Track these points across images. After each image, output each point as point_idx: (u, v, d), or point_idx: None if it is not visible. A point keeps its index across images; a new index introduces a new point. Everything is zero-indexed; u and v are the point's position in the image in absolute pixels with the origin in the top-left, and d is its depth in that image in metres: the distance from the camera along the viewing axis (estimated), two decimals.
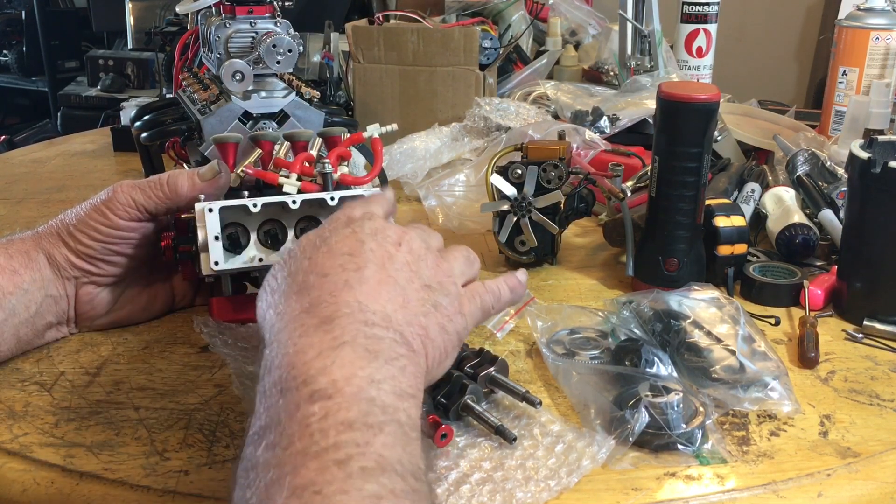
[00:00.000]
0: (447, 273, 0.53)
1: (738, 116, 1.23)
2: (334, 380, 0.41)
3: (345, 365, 0.42)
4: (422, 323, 0.49)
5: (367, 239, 0.50)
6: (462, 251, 0.57)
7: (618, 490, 0.53)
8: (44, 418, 0.60)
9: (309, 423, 0.39)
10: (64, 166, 1.29)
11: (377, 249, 0.50)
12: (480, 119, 1.18)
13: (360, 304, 0.46)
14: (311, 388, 0.41)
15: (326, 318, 0.45)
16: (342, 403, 0.40)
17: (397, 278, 0.49)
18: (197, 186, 0.67)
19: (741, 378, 0.63)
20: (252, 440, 0.41)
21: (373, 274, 0.48)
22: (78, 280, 0.68)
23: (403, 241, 0.52)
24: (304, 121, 0.79)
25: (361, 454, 0.38)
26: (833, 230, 0.87)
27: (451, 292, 0.52)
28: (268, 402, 0.42)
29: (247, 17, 0.77)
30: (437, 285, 0.51)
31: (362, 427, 0.39)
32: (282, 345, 0.44)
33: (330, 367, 0.42)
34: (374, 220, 0.52)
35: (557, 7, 1.64)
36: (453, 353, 0.52)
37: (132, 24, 3.11)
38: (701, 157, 0.75)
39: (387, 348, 0.45)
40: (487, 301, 0.56)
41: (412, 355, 0.47)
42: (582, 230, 0.98)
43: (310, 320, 0.45)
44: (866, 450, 0.57)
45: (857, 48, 1.17)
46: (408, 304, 0.49)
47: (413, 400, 0.44)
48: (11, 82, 3.58)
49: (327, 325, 0.44)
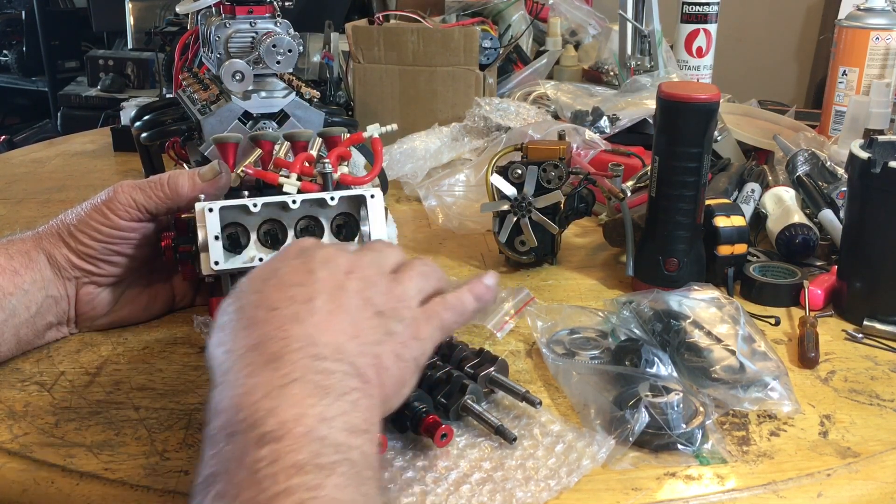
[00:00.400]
0: (401, 297, 0.51)
1: (738, 116, 1.23)
2: (283, 420, 0.40)
3: (294, 404, 0.41)
4: (375, 353, 0.47)
5: (318, 268, 0.49)
6: (417, 268, 0.54)
7: (618, 490, 0.53)
8: (44, 418, 0.60)
9: (258, 469, 0.38)
10: (64, 166, 1.29)
11: (328, 279, 0.49)
12: (480, 119, 1.18)
13: (310, 338, 0.45)
14: (260, 431, 0.39)
15: (275, 354, 0.44)
16: (292, 445, 0.39)
17: (349, 308, 0.48)
18: (197, 186, 0.67)
19: (741, 378, 0.63)
20: (200, 489, 0.39)
21: (323, 305, 0.47)
22: (78, 280, 0.68)
23: (355, 268, 0.50)
24: (304, 121, 0.79)
25: (313, 498, 0.37)
26: (833, 230, 0.87)
27: (405, 318, 0.50)
28: (215, 447, 0.40)
29: (247, 17, 0.77)
30: (390, 312, 0.50)
31: (314, 469, 0.38)
32: (229, 386, 0.43)
33: (278, 407, 0.41)
34: (324, 249, 0.51)
35: (557, 7, 1.64)
36: (412, 379, 0.50)
37: (132, 24, 3.11)
38: (701, 157, 0.75)
39: (338, 383, 0.44)
40: (448, 318, 0.53)
41: (365, 387, 0.45)
42: (582, 230, 0.98)
43: (258, 358, 0.44)
44: (866, 450, 0.57)
45: (857, 48, 1.17)
46: (360, 333, 0.47)
47: (367, 435, 0.43)
48: (11, 82, 3.58)
49: (276, 362, 0.43)
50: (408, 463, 0.54)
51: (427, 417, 0.55)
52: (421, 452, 0.55)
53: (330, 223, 0.68)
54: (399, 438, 0.57)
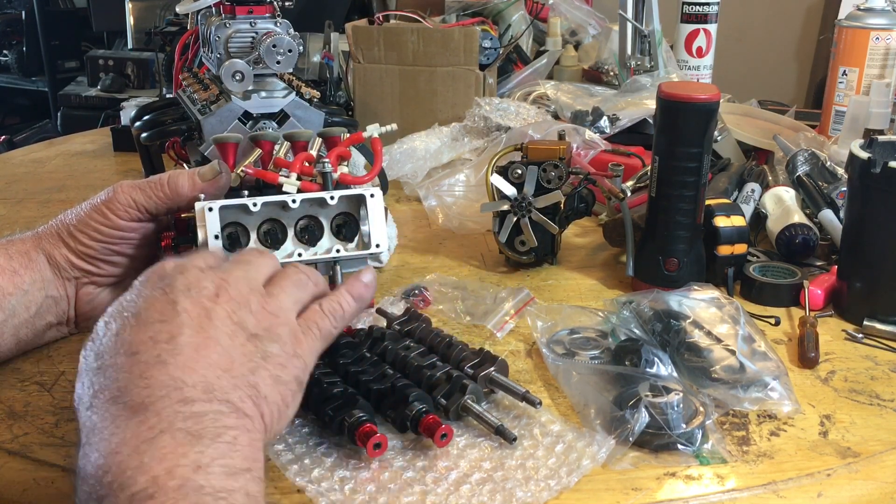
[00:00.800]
0: (275, 312, 0.49)
1: (738, 116, 1.23)
2: (154, 476, 0.38)
3: (165, 457, 0.38)
4: (250, 382, 0.45)
5: (181, 298, 0.46)
6: (290, 277, 0.52)
7: (618, 490, 0.53)
8: (44, 418, 0.60)
9: None
10: (64, 166, 1.29)
11: (192, 308, 0.46)
12: (480, 119, 1.18)
13: (176, 381, 0.42)
14: (130, 492, 0.37)
15: (139, 406, 0.41)
16: (166, 501, 0.37)
17: (218, 338, 0.45)
18: (197, 186, 0.66)
19: (741, 378, 0.63)
20: None
21: (189, 340, 0.44)
22: (78, 280, 0.68)
23: (222, 289, 0.48)
24: (304, 121, 0.79)
25: None
26: (833, 230, 0.87)
27: (281, 335, 0.48)
28: None
29: (247, 17, 0.77)
30: (264, 332, 0.47)
31: None
32: (93, 447, 0.40)
33: (147, 463, 0.38)
34: (187, 273, 0.48)
35: (557, 7, 1.64)
36: (294, 400, 0.48)
37: (132, 24, 3.11)
38: (701, 157, 0.75)
39: (211, 425, 0.41)
40: (326, 326, 0.52)
41: (244, 422, 0.43)
42: (582, 230, 0.98)
43: (122, 411, 0.41)
44: (866, 450, 0.57)
45: (857, 48, 1.17)
46: (232, 365, 0.45)
47: (248, 474, 0.41)
48: (11, 82, 3.58)
49: (141, 414, 0.40)
50: (408, 463, 0.54)
51: (427, 417, 0.55)
52: (421, 452, 0.55)
53: (330, 223, 0.68)
54: (399, 438, 0.57)
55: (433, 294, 0.79)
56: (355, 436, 0.54)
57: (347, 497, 0.51)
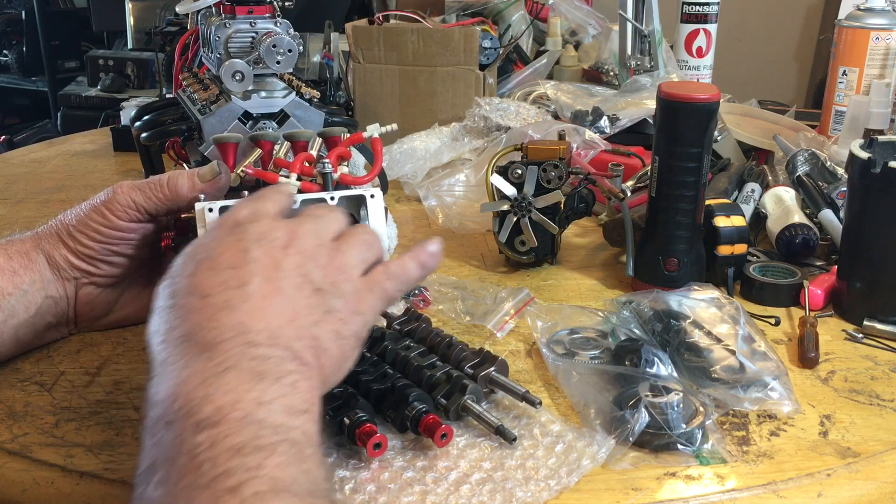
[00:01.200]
0: (341, 268, 0.50)
1: (738, 116, 1.23)
2: (219, 406, 0.40)
3: (229, 390, 0.41)
4: (313, 334, 0.47)
5: (252, 246, 0.48)
6: (359, 235, 0.53)
7: (618, 490, 0.53)
8: (44, 418, 0.60)
9: (197, 454, 0.38)
10: (64, 166, 1.29)
11: (263, 258, 0.47)
12: (480, 119, 1.18)
13: (243, 326, 0.45)
14: (196, 418, 0.40)
15: (208, 344, 0.43)
16: (229, 429, 0.39)
17: (285, 289, 0.47)
18: (197, 187, 0.66)
19: (741, 378, 0.63)
20: (142, 479, 0.39)
21: (257, 289, 0.46)
22: (78, 281, 0.68)
23: (293, 241, 0.49)
24: (304, 121, 0.79)
25: (254, 478, 0.37)
26: (833, 230, 0.87)
27: (345, 292, 0.49)
28: (154, 437, 0.41)
29: (247, 17, 0.77)
30: (329, 287, 0.49)
31: (253, 451, 0.39)
32: (165, 377, 0.43)
33: (214, 394, 0.41)
34: (260, 222, 0.50)
35: (557, 7, 1.64)
36: (353, 354, 0.50)
37: (132, 24, 3.11)
38: (701, 157, 0.75)
39: (273, 367, 0.43)
40: (390, 288, 0.53)
41: (304, 370, 0.45)
42: (582, 230, 0.98)
43: (191, 349, 0.44)
44: (866, 450, 0.57)
45: (857, 48, 1.17)
46: (297, 316, 0.47)
47: (307, 415, 0.43)
48: (11, 82, 3.58)
49: (209, 351, 0.43)
50: (408, 463, 0.54)
51: (427, 417, 0.55)
52: (421, 452, 0.55)
53: None
54: (399, 438, 0.57)
55: (433, 294, 0.79)
56: (355, 436, 0.54)
57: (347, 497, 0.51)
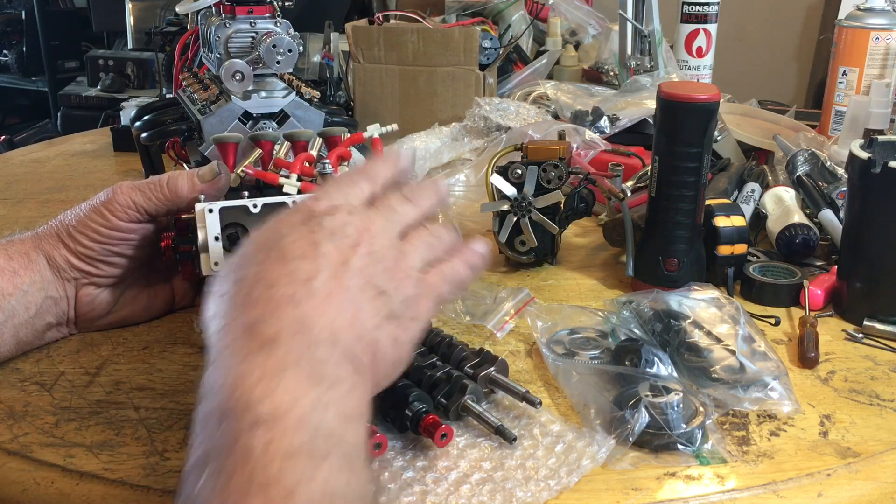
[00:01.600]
0: (406, 271, 0.50)
1: (738, 116, 1.23)
2: (277, 405, 0.40)
3: (288, 390, 0.41)
4: (373, 337, 0.46)
5: (324, 241, 0.47)
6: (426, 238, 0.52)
7: (618, 490, 0.53)
8: (44, 418, 0.60)
9: (251, 453, 0.38)
10: (64, 166, 1.29)
11: (333, 253, 0.47)
12: (480, 119, 1.18)
13: (305, 323, 0.44)
14: (253, 415, 0.39)
15: (269, 339, 0.43)
16: (285, 431, 0.39)
17: (350, 288, 0.46)
18: (197, 187, 0.66)
19: (741, 378, 0.63)
20: (192, 471, 0.39)
21: (323, 285, 0.45)
22: (78, 281, 0.68)
23: (363, 240, 0.48)
24: (304, 121, 0.79)
25: (307, 485, 0.37)
26: (833, 230, 0.87)
27: (408, 296, 0.49)
28: (207, 429, 0.40)
29: (247, 17, 0.77)
30: (393, 290, 0.48)
31: (307, 457, 0.38)
32: (223, 367, 0.42)
33: (273, 392, 0.40)
34: (335, 216, 0.49)
35: (557, 7, 1.64)
36: (404, 361, 0.49)
37: (132, 24, 3.11)
38: (701, 157, 0.75)
39: (332, 371, 0.43)
40: (445, 293, 0.52)
41: (360, 375, 0.45)
42: (582, 230, 0.98)
43: (252, 342, 0.43)
44: (866, 450, 0.57)
45: (857, 48, 1.17)
46: (358, 317, 0.46)
47: (359, 423, 0.43)
48: (11, 82, 3.58)
49: (270, 346, 0.43)
50: (408, 463, 0.54)
51: (427, 417, 0.55)
52: (421, 452, 0.55)
53: None
54: (399, 438, 0.57)
55: None
56: None
57: None
